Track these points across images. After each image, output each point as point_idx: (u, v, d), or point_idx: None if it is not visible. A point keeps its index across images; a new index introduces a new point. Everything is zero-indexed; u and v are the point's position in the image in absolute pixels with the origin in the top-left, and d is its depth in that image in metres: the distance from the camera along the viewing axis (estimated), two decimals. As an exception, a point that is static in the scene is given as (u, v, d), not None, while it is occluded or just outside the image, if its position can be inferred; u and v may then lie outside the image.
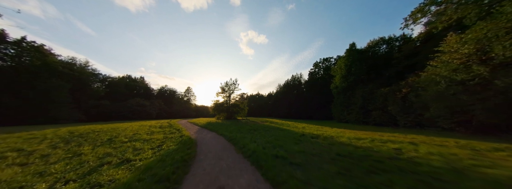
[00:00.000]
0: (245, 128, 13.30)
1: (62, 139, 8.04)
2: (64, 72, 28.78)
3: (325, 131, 11.17)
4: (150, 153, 5.50)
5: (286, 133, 9.91)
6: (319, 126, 14.98)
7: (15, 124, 18.90)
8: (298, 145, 6.38)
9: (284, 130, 12.11)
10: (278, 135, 9.03)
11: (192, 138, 8.07)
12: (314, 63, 41.73)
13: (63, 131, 10.30)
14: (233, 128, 13.01)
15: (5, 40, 23.39)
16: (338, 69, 23.31)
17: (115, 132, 10.14)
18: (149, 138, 8.30)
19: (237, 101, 31.77)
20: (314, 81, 41.02)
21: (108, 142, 7.54)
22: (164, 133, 10.13)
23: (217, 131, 11.20)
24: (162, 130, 11.45)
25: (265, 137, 8.49)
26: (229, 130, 11.91)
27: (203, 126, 14.80)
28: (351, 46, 21.63)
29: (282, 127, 13.98)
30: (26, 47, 24.73)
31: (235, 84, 31.55)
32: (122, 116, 35.13)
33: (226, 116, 30.67)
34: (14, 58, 24.21)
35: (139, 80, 58.62)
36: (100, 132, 10.28)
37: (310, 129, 12.26)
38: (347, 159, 4.32)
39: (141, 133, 9.96)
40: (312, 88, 40.85)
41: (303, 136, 8.97)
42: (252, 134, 9.91)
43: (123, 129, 11.98)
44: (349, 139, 7.63)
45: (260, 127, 13.68)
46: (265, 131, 11.38)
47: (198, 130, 12.58)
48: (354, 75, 20.00)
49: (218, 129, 12.08)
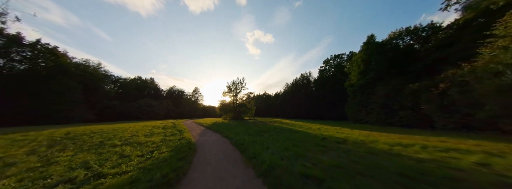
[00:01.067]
0: (253, 129, 11.80)
1: (51, 141, 7.10)
2: (76, 74, 29.23)
3: (347, 133, 9.33)
4: (134, 163, 4.24)
5: (303, 136, 8.25)
6: (336, 127, 13.09)
7: (28, 124, 18.92)
8: (326, 154, 4.74)
9: (298, 132, 10.43)
10: (294, 139, 7.41)
11: (192, 142, 6.70)
12: (325, 60, 39.30)
13: (60, 132, 9.48)
14: (240, 129, 11.56)
15: (21, 42, 23.93)
16: (354, 65, 21.07)
17: (112, 134, 9.12)
18: (144, 141, 7.09)
19: (244, 101, 30.43)
20: (324, 79, 38.58)
21: (97, 146, 6.41)
22: (164, 135, 8.94)
23: (222, 133, 9.80)
24: (164, 131, 10.30)
25: (278, 141, 6.91)
26: (236, 131, 10.47)
27: (208, 127, 13.52)
28: (369, 39, 19.34)
29: (294, 128, 12.29)
30: (41, 49, 25.26)
31: (242, 83, 30.26)
32: (132, 116, 35.23)
33: (232, 116, 29.46)
34: (30, 60, 24.76)
35: (149, 81, 59.51)
36: (97, 133, 9.32)
37: (328, 131, 10.48)
38: (425, 186, 2.63)
39: (139, 135, 8.85)
40: (322, 87, 38.44)
41: (324, 140, 7.27)
42: (262, 136, 8.38)
43: (124, 130, 11.01)
44: (390, 145, 5.83)
45: (270, 128, 12.10)
46: (277, 133, 9.78)
47: (202, 131, 11.29)
48: (373, 70, 17.72)
49: (224, 131, 10.69)
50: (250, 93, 31.03)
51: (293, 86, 46.69)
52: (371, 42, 19.05)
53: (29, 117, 20.42)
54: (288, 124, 16.69)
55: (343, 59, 35.88)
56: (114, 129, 11.44)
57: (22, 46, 24.15)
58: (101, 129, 11.28)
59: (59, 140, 7.32)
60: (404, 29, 17.89)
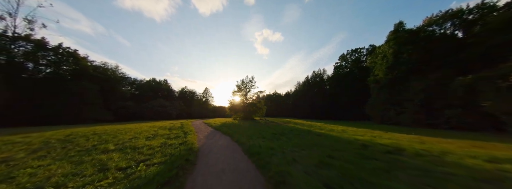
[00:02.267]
0: (267, 131, 10.17)
1: (43, 145, 6.30)
2: (95, 75, 30.25)
3: (389, 138, 7.27)
4: (104, 184, 2.86)
5: (332, 141, 6.46)
6: (365, 130, 10.93)
7: (46, 124, 19.44)
8: (395, 177, 2.92)
9: (322, 135, 8.58)
10: (322, 145, 5.69)
11: (194, 149, 5.29)
12: (340, 56, 36.12)
13: (62, 134, 8.82)
14: (252, 131, 10.02)
15: (46, 47, 25.17)
16: (379, 58, 18.34)
17: (112, 136, 8.20)
18: (141, 146, 5.91)
19: (254, 100, 28.92)
20: (340, 76, 35.50)
21: (85, 151, 5.36)
22: (167, 137, 7.76)
23: (232, 136, 8.33)
24: (168, 133, 9.17)
25: (303, 148, 5.26)
26: (247, 134, 8.95)
27: (216, 128, 12.19)
28: (398, 26, 16.51)
29: (315, 130, 10.40)
30: (63, 52, 26.41)
31: (251, 81, 28.83)
32: (145, 117, 35.78)
33: (242, 116, 28.14)
34: (54, 64, 26.01)
35: (163, 83, 61.08)
36: (98, 135, 8.47)
37: (360, 134, 8.44)
38: None
39: (140, 137, 7.77)
40: (338, 85, 35.40)
41: (366, 148, 5.38)
42: (280, 141, 6.74)
43: (128, 131, 10.13)
44: (484, 160, 3.78)
45: (286, 130, 10.37)
46: (297, 136, 8.05)
47: (210, 133, 9.95)
48: (405, 63, 14.97)
49: (234, 133, 9.22)
50: (260, 92, 29.47)
51: (305, 85, 44.07)
52: (401, 30, 16.23)
53: (48, 117, 21.13)
54: (305, 125, 14.75)
55: (362, 54, 32.54)
56: (119, 130, 10.65)
57: (47, 50, 25.46)
58: (105, 130, 10.54)
59: (51, 143, 6.43)
60: (443, 13, 14.85)
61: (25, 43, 23.77)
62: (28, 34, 24.17)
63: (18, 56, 23.64)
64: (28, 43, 23.97)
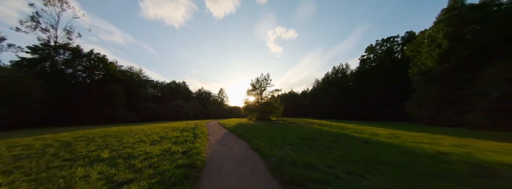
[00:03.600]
0: (291, 134, 8.29)
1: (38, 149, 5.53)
2: (121, 79, 32.31)
3: (494, 150, 4.69)
4: None
5: (400, 155, 4.35)
6: (423, 134, 8.18)
7: (83, 124, 20.83)
8: None
9: (370, 142, 6.38)
10: (389, 162, 3.69)
11: (197, 164, 3.75)
12: (368, 48, 31.59)
13: (73, 135, 8.46)
14: (272, 134, 8.28)
15: (80, 54, 27.60)
16: (425, 44, 14.68)
17: (117, 138, 7.40)
18: (139, 154, 4.77)
19: (270, 99, 27.04)
20: (367, 70, 31.11)
21: (71, 161, 4.40)
22: (174, 142, 6.59)
23: (249, 141, 6.73)
24: (178, 136, 8.07)
25: (361, 167, 3.38)
26: (268, 138, 7.27)
27: (231, 130, 10.77)
28: (454, 3, 12.71)
29: (353, 135, 8.12)
30: (94, 58, 28.69)
31: (267, 79, 27.02)
32: (165, 117, 37.00)
33: (258, 116, 26.55)
34: (88, 69, 28.44)
35: (181, 85, 63.72)
36: (105, 137, 7.79)
37: (426, 142, 5.99)
38: None
39: (146, 141, 6.75)
40: (364, 80, 31.09)
41: (480, 170, 3.07)
42: (317, 151, 4.89)
43: (138, 132, 9.41)
44: None
45: (314, 134, 8.33)
46: (336, 144, 6.02)
47: (223, 136, 8.51)
48: (469, 47, 11.29)
49: (251, 136, 7.62)
50: (276, 91, 27.44)
51: (324, 82, 40.28)
52: (460, 6, 12.45)
53: (83, 119, 22.77)
54: (333, 127, 12.32)
55: (396, 43, 27.69)
56: (131, 131, 10.05)
57: (81, 56, 27.97)
58: (118, 131, 10.02)
59: (48, 148, 5.70)
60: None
61: (64, 51, 26.41)
62: (67, 43, 26.84)
63: (59, 63, 26.48)
64: (66, 51, 26.59)
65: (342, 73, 36.86)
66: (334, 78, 37.77)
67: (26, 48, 23.11)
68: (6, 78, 15.21)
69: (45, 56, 24.64)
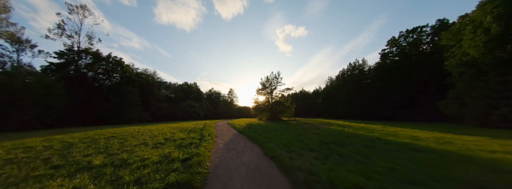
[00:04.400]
0: (308, 136, 7.10)
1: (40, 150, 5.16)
2: (136, 80, 33.60)
3: None
4: None
5: (495, 173, 2.83)
6: (491, 140, 6.39)
7: (103, 124, 21.75)
8: None
9: (420, 150, 5.00)
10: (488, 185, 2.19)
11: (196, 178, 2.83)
12: (390, 40, 28.44)
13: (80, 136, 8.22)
14: (288, 137, 7.16)
15: (100, 57, 29.16)
16: (468, 31, 12.25)
17: (121, 140, 6.96)
18: (134, 160, 4.14)
19: (281, 98, 25.74)
20: (389, 65, 28.06)
21: (55, 170, 3.78)
22: (178, 145, 5.91)
23: (262, 145, 5.75)
24: (184, 137, 7.40)
25: None
26: (283, 141, 6.21)
27: (241, 131, 9.86)
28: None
29: (387, 139, 6.71)
30: (111, 61, 30.15)
31: (277, 78, 25.79)
32: (177, 117, 37.71)
33: (268, 116, 25.45)
34: (107, 72, 29.99)
35: (193, 86, 65.13)
36: (110, 138, 7.40)
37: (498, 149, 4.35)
38: None
39: (149, 143, 6.16)
40: (386, 76, 28.09)
41: None
42: (353, 161, 3.78)
43: (145, 133, 8.98)
44: None
45: (338, 137, 7.04)
46: (373, 151, 4.75)
47: (233, 138, 7.61)
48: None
49: (264, 139, 6.62)
50: (287, 89, 26.02)
51: (339, 80, 37.59)
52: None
53: (103, 119, 23.84)
54: (355, 128, 10.73)
55: (424, 33, 24.39)
56: (139, 131, 9.70)
57: (101, 60, 29.57)
58: (126, 131, 9.72)
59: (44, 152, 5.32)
60: None
61: (86, 55, 28.11)
62: (88, 47, 28.56)
63: (82, 67, 28.30)
64: (88, 55, 28.27)
65: (359, 69, 33.90)
66: (350, 75, 34.94)
67: (53, 54, 24.90)
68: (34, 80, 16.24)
69: (70, 60, 26.41)
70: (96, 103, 25.45)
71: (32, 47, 25.07)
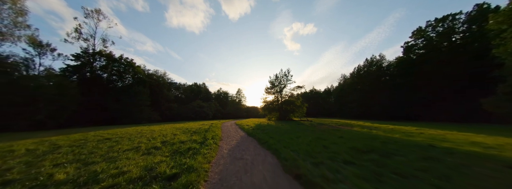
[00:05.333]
0: (333, 141, 5.68)
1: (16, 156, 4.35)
2: (147, 81, 34.13)
3: None
4: None
5: None
6: None
7: (112, 124, 22.00)
8: None
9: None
10: None
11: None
12: (415, 32, 25.22)
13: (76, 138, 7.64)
14: (306, 141, 5.81)
15: (113, 58, 29.93)
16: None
17: (113, 144, 6.07)
18: (104, 177, 2.98)
19: (292, 97, 24.10)
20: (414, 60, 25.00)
21: (5, 185, 2.66)
22: (174, 152, 4.85)
23: (277, 152, 4.52)
24: (185, 140, 6.41)
25: None
26: (302, 146, 4.91)
27: (250, 133, 8.65)
28: None
29: (452, 147, 5.02)
30: (123, 62, 30.83)
31: (287, 76, 24.20)
32: (186, 117, 37.74)
33: (278, 116, 23.98)
34: (119, 73, 30.75)
35: (201, 86, 65.72)
36: (102, 141, 6.63)
37: None
38: None
39: (142, 147, 5.29)
40: (409, 72, 25.09)
41: None
42: None
43: (145, 134, 8.18)
44: None
45: (374, 142, 5.60)
46: (445, 167, 3.17)
47: (240, 141, 6.41)
48: None
49: (278, 143, 5.36)
50: (298, 87, 24.27)
51: (354, 77, 34.79)
52: None
53: (113, 119, 24.20)
54: (385, 130, 8.95)
55: (458, 21, 21.12)
56: (139, 132, 8.94)
57: (114, 61, 30.39)
58: (126, 132, 9.01)
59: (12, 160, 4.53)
60: None
61: (100, 57, 29.01)
62: (102, 49, 29.48)
63: (97, 69, 29.29)
64: (102, 57, 29.15)
65: (377, 65, 30.88)
66: (366, 71, 32.02)
67: (70, 56, 25.92)
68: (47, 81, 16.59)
69: (86, 62, 27.36)
70: (108, 103, 25.99)
71: (52, 51, 26.43)
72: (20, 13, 15.00)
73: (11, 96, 12.97)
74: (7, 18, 14.16)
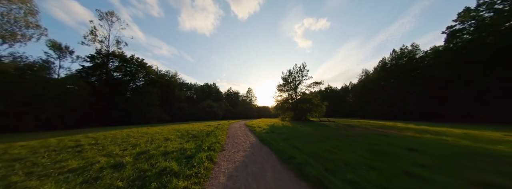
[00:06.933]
0: (405, 157, 3.14)
1: None
2: (158, 81, 34.08)
3: None
4: None
5: None
6: None
7: (123, 124, 21.60)
8: None
9: None
10: None
11: None
12: (462, 13, 20.12)
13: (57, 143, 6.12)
14: (357, 157, 3.25)
15: (125, 58, 30.25)
16: None
17: (109, 144, 4.19)
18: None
19: (309, 95, 21.17)
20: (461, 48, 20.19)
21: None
22: (131, 181, 2.53)
23: (322, 184, 1.94)
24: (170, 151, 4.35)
25: None
26: (354, 168, 2.35)
27: (263, 138, 6.38)
28: None
29: None
30: (134, 62, 31.01)
31: (302, 71, 21.31)
32: (196, 117, 36.98)
33: (293, 116, 21.29)
34: (131, 73, 31.03)
35: (212, 86, 65.55)
36: (80, 146, 4.86)
37: None
38: None
39: (96, 167, 3.25)
40: (456, 62, 20.31)
41: None
42: None
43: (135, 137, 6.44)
44: None
45: (481, 160, 2.67)
46: None
47: (251, 153, 4.15)
48: None
49: (311, 160, 3.01)
50: (315, 84, 21.18)
51: (379, 72, 30.22)
52: None
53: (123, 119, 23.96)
54: (459, 136, 5.86)
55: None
56: (130, 135, 7.29)
57: (126, 61, 30.76)
58: (114, 136, 7.39)
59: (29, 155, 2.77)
60: None
61: (114, 58, 29.52)
62: (114, 50, 30.01)
63: (110, 70, 29.89)
64: (115, 58, 29.64)
65: (409, 57, 26.06)
66: (394, 65, 27.33)
67: (86, 58, 26.62)
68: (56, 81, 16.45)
69: (100, 63, 27.96)
70: (118, 103, 26.00)
71: (71, 53, 27.53)
72: (30, 13, 14.99)
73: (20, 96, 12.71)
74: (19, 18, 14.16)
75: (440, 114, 21.57)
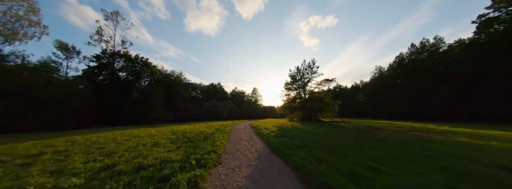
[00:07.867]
0: None
1: None
2: (163, 80, 33.75)
3: None
4: None
5: None
6: None
7: (127, 124, 21.13)
8: None
9: None
10: None
11: None
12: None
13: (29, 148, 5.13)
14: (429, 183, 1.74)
15: (129, 57, 30.10)
16: None
17: (98, 148, 2.98)
18: None
19: (319, 93, 19.50)
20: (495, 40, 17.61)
21: None
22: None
23: None
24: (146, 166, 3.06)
25: None
26: None
27: (273, 144, 5.01)
28: None
29: None
30: (139, 61, 30.80)
31: (311, 68, 19.67)
32: (201, 117, 36.30)
33: (302, 116, 19.69)
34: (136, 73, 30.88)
35: (217, 86, 65.10)
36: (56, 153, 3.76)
37: None
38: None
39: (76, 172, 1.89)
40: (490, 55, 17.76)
41: None
42: None
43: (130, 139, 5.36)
44: None
45: None
46: None
47: (257, 169, 2.79)
48: None
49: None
50: (326, 81, 19.44)
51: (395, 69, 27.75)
52: None
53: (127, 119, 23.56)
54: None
55: None
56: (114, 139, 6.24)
57: (130, 61, 30.61)
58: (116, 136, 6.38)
59: None
60: None
61: (119, 58, 29.45)
62: (119, 50, 29.96)
63: (116, 70, 29.88)
64: (120, 58, 29.56)
65: (431, 51, 23.47)
66: (413, 60, 24.81)
67: (92, 58, 26.65)
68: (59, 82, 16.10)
69: (106, 63, 27.93)
70: (124, 103, 25.71)
71: (78, 54, 27.74)
72: (32, 11, 14.74)
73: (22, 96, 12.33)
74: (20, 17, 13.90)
75: (469, 113, 19.00)
